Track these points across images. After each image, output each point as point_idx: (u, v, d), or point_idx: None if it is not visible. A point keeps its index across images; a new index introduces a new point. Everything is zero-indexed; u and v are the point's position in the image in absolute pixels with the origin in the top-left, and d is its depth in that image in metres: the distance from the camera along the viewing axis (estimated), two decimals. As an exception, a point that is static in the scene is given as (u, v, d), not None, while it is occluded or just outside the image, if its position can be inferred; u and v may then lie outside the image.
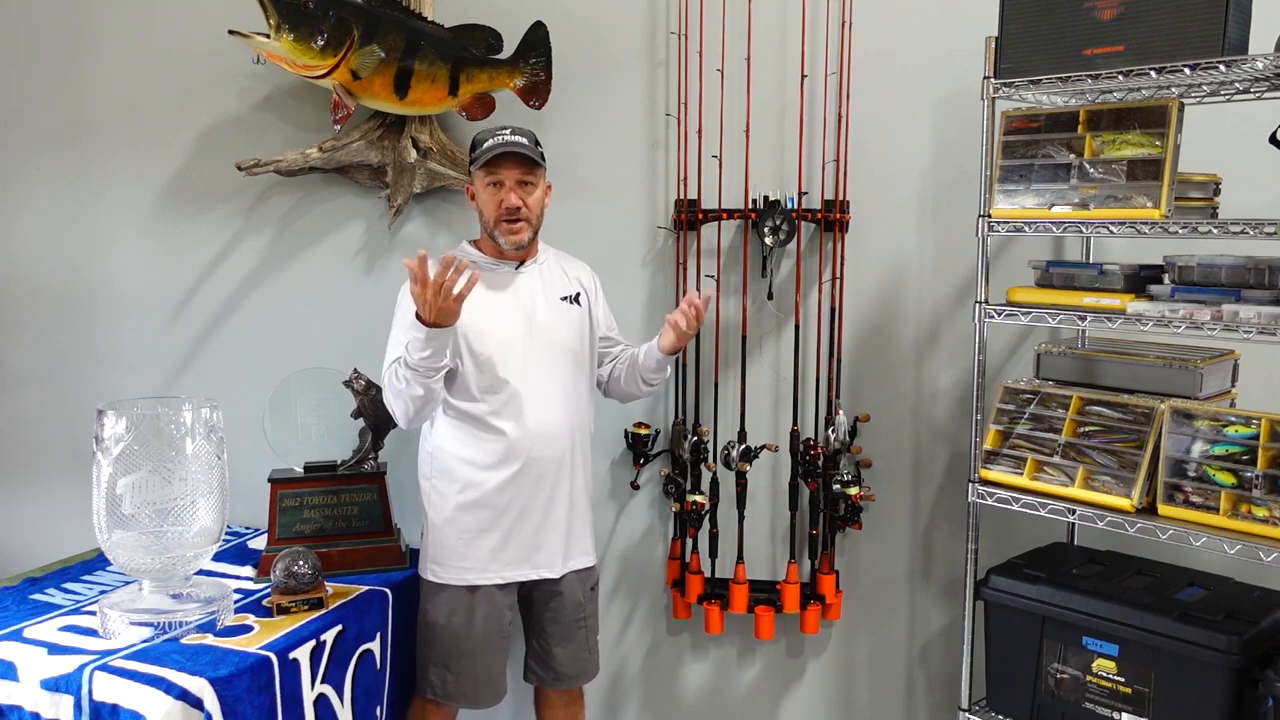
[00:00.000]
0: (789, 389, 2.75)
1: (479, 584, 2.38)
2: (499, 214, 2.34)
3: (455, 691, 2.41)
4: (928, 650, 2.85)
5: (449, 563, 2.39)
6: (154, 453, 2.10)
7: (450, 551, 2.39)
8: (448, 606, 2.39)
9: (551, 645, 2.51)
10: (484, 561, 2.38)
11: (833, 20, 2.65)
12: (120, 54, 2.98)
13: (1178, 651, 2.06)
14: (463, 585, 2.39)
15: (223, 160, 2.84)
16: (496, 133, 2.34)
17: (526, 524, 2.38)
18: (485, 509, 2.36)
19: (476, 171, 2.35)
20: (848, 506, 2.63)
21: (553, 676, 2.54)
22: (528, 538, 2.38)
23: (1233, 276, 2.05)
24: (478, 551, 2.38)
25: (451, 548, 2.39)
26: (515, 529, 2.37)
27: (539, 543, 2.40)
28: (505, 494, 2.35)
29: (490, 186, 2.34)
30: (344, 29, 2.53)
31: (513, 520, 2.37)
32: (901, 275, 2.75)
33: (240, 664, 1.99)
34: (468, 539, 2.37)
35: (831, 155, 2.68)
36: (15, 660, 2.01)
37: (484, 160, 2.31)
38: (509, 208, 2.32)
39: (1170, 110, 2.07)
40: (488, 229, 2.38)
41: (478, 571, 2.38)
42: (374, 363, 2.52)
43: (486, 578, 2.39)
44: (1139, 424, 2.16)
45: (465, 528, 2.37)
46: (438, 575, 2.41)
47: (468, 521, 2.37)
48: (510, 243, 2.36)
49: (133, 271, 3.03)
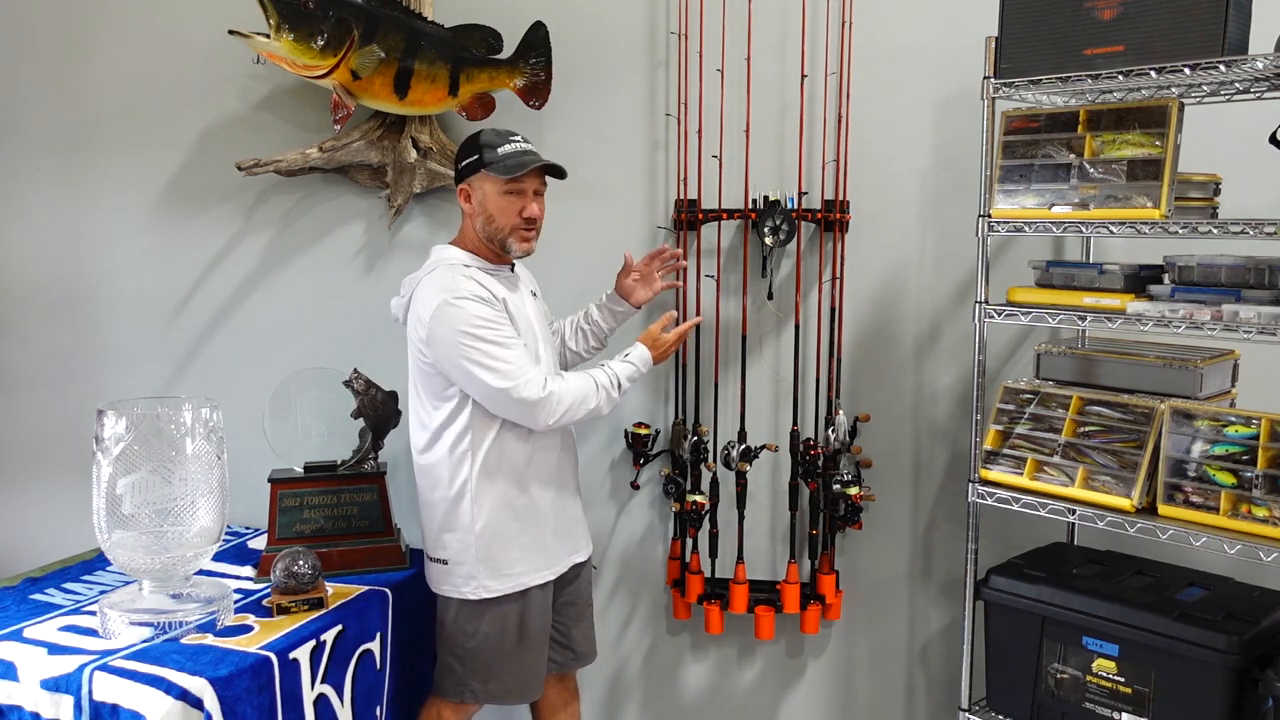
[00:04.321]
0: (789, 389, 2.75)
1: (531, 584, 2.34)
2: (517, 222, 2.30)
3: (501, 691, 2.37)
4: (928, 650, 2.85)
5: (506, 571, 2.32)
6: (154, 453, 2.10)
7: (505, 561, 2.32)
8: (502, 616, 2.33)
9: (570, 627, 2.54)
10: (537, 562, 2.35)
11: (833, 20, 2.65)
12: (120, 54, 2.98)
13: (1178, 651, 2.06)
14: (517, 591, 2.33)
15: (223, 160, 2.84)
16: (510, 139, 2.30)
17: (567, 513, 2.43)
18: (532, 509, 2.35)
19: (492, 177, 2.27)
20: (848, 506, 2.63)
21: (571, 657, 2.56)
22: (567, 526, 2.43)
23: (1233, 276, 2.05)
24: (529, 556, 2.34)
25: (504, 557, 2.32)
26: (558, 520, 2.40)
27: (570, 532, 2.45)
28: (548, 490, 2.37)
29: (509, 195, 2.29)
30: (344, 29, 2.53)
31: (556, 513, 2.40)
32: (901, 275, 2.75)
33: (240, 664, 1.99)
34: (519, 544, 2.33)
35: (831, 155, 2.68)
36: (15, 660, 2.01)
37: (511, 169, 2.26)
38: (529, 218, 2.31)
39: (1170, 110, 2.07)
40: (498, 234, 2.31)
41: (531, 574, 2.34)
42: (374, 363, 2.53)
43: (540, 577, 2.36)
44: (1139, 424, 2.16)
45: (515, 533, 2.33)
46: (492, 590, 2.31)
47: (517, 528, 2.33)
48: (522, 250, 2.34)
49: (133, 271, 3.03)
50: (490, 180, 2.29)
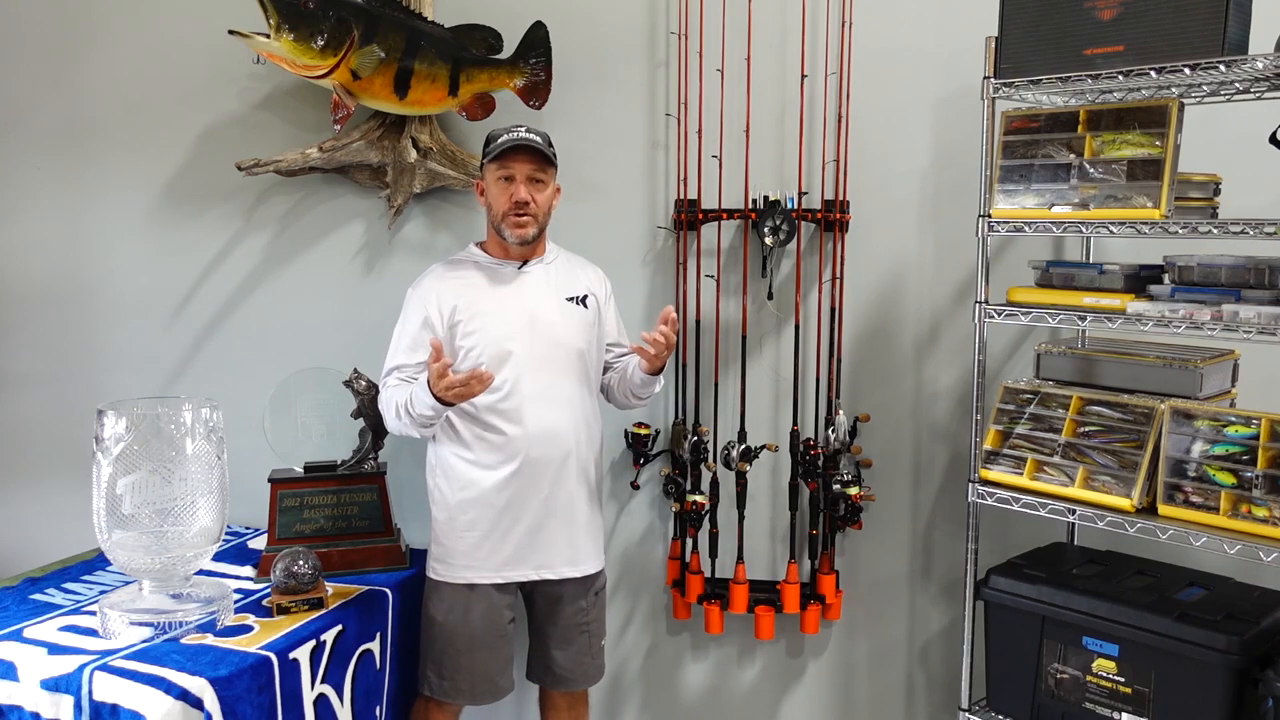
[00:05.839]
0: (789, 389, 2.75)
1: (477, 583, 2.39)
2: (508, 207, 2.34)
3: (452, 689, 2.41)
4: (928, 650, 2.85)
5: (450, 560, 2.40)
6: (154, 453, 2.10)
7: (450, 549, 2.40)
8: (447, 604, 2.40)
9: (551, 647, 2.51)
10: (482, 560, 2.38)
11: (833, 20, 2.65)
12: (120, 54, 2.98)
13: (1178, 651, 2.06)
14: (462, 583, 2.39)
15: (223, 160, 2.84)
16: (512, 129, 2.36)
17: (524, 524, 2.37)
18: (484, 508, 2.36)
19: (488, 165, 2.36)
20: (848, 506, 2.63)
21: (552, 679, 2.54)
22: (526, 538, 2.38)
23: (1233, 276, 2.05)
24: (476, 550, 2.38)
25: (452, 546, 2.40)
26: (513, 529, 2.37)
27: (537, 544, 2.39)
28: (504, 493, 2.35)
29: (501, 180, 2.35)
30: (344, 29, 2.52)
31: (511, 520, 2.37)
32: (901, 275, 2.75)
33: (240, 664, 1.99)
34: (467, 537, 2.38)
35: (831, 155, 2.68)
36: (15, 660, 2.01)
37: (496, 153, 2.32)
38: (518, 201, 2.33)
39: (1170, 110, 2.07)
40: (495, 223, 2.39)
41: (476, 570, 2.39)
42: (374, 363, 2.52)
43: (485, 577, 2.39)
44: (1139, 424, 2.15)
45: (465, 526, 2.38)
46: (438, 573, 2.42)
47: (467, 520, 2.38)
48: (515, 237, 2.36)
49: (133, 271, 3.03)
50: (488, 169, 2.37)
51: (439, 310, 2.37)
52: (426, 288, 2.42)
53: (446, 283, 2.41)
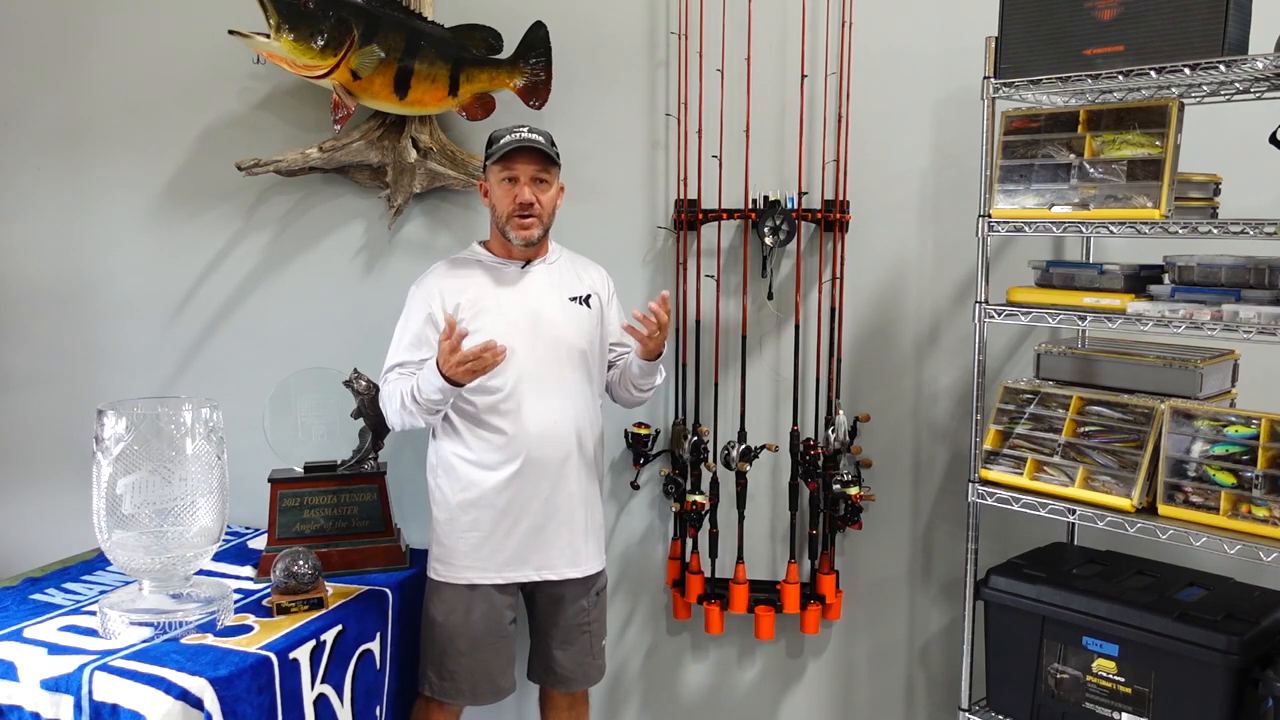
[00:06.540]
0: (789, 389, 2.75)
1: (478, 583, 2.39)
2: (512, 208, 2.34)
3: (453, 689, 2.41)
4: (928, 650, 2.85)
5: (450, 561, 2.40)
6: (154, 453, 2.10)
7: (451, 550, 2.40)
8: (447, 604, 2.40)
9: (552, 648, 2.51)
10: (483, 560, 2.38)
11: (833, 20, 2.65)
12: (120, 54, 2.98)
13: (1178, 651, 2.06)
14: (463, 584, 2.39)
15: (223, 160, 2.84)
16: (514, 129, 2.35)
17: (525, 524, 2.37)
18: (484, 508, 2.36)
19: (492, 166, 2.35)
20: (848, 506, 2.63)
21: (553, 679, 2.54)
22: (526, 538, 2.38)
23: (1233, 276, 2.05)
24: (477, 550, 2.38)
25: (453, 546, 2.39)
26: (515, 529, 2.37)
27: (538, 544, 2.39)
28: (504, 494, 2.35)
29: (505, 182, 2.35)
30: (344, 29, 2.52)
31: (513, 521, 2.37)
32: (901, 275, 2.75)
33: (240, 664, 1.99)
34: (468, 538, 2.38)
35: (831, 155, 2.68)
36: (15, 660, 2.01)
37: (500, 154, 2.32)
38: (522, 202, 2.32)
39: (1170, 110, 2.07)
40: (499, 224, 2.38)
41: (477, 570, 2.39)
42: (374, 363, 2.52)
43: (485, 577, 2.39)
44: (1139, 424, 2.16)
45: (465, 526, 2.38)
46: (439, 573, 2.42)
47: (467, 520, 2.37)
48: (520, 238, 2.36)
49: (133, 271, 3.03)
50: (491, 170, 2.37)
51: (442, 307, 2.36)
52: (430, 285, 2.42)
53: (450, 281, 2.41)
